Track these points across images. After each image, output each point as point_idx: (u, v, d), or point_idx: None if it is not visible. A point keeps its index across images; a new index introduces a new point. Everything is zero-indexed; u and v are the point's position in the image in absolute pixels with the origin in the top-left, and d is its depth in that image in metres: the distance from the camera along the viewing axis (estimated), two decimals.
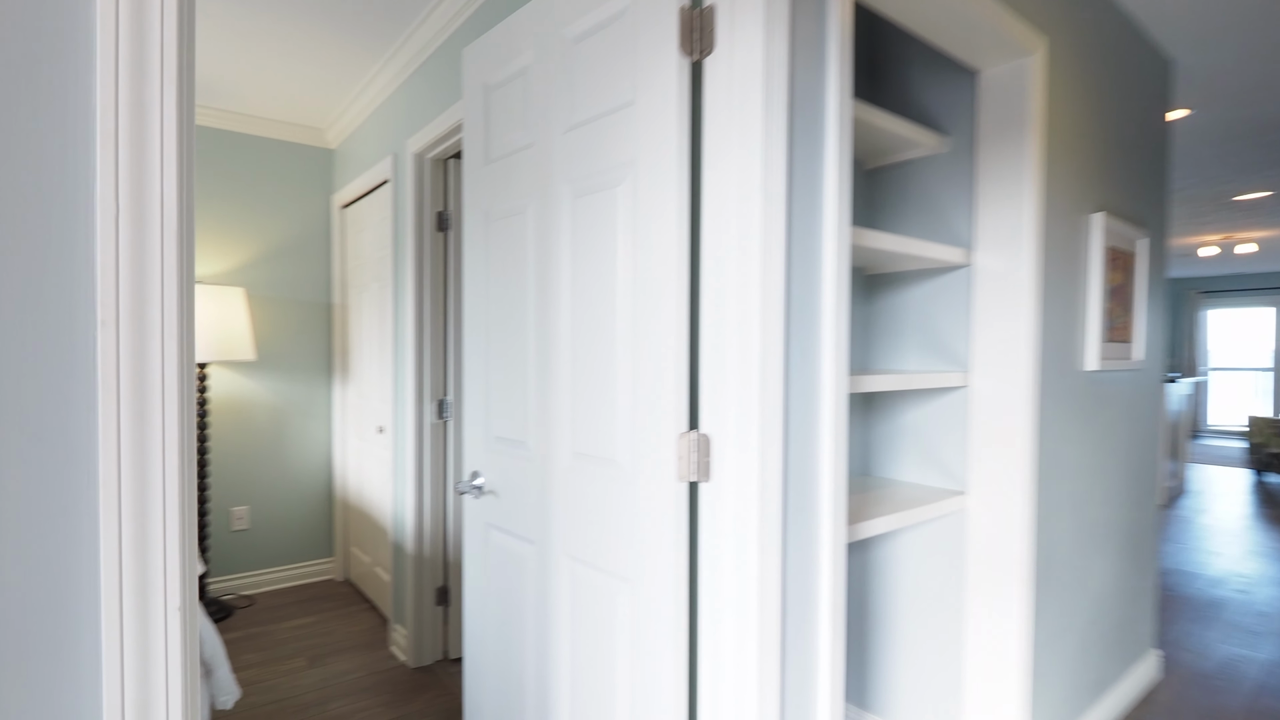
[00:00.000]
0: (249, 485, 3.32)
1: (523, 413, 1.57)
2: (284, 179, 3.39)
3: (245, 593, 3.32)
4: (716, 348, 1.17)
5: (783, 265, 1.14)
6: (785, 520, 1.19)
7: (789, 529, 1.20)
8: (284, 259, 3.40)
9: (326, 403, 3.54)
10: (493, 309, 1.67)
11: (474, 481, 1.71)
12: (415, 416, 2.65)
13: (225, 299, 2.93)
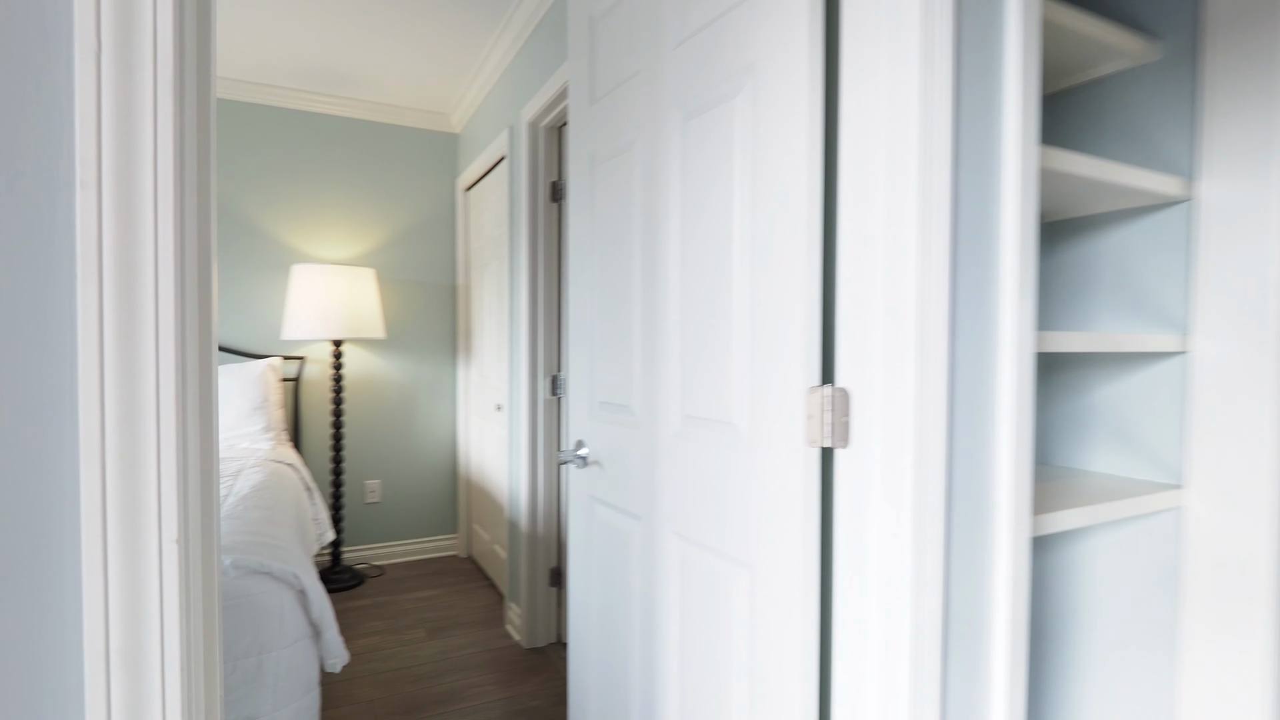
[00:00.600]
0: (381, 460, 3.45)
1: (627, 372, 1.40)
2: (412, 165, 3.49)
3: (377, 563, 3.46)
4: (858, 277, 0.93)
5: (948, 180, 0.88)
6: (949, 500, 0.93)
7: (953, 511, 0.94)
8: (412, 242, 3.50)
9: (451, 382, 3.61)
10: (597, 260, 1.52)
11: (578, 451, 1.57)
12: (529, 393, 2.59)
13: (357, 279, 3.04)
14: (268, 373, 2.94)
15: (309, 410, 3.29)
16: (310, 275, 2.94)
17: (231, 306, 3.11)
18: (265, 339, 3.19)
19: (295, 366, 3.25)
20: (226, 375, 2.84)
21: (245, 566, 1.47)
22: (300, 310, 2.92)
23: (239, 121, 3.12)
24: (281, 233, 3.22)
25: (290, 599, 1.53)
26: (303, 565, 1.62)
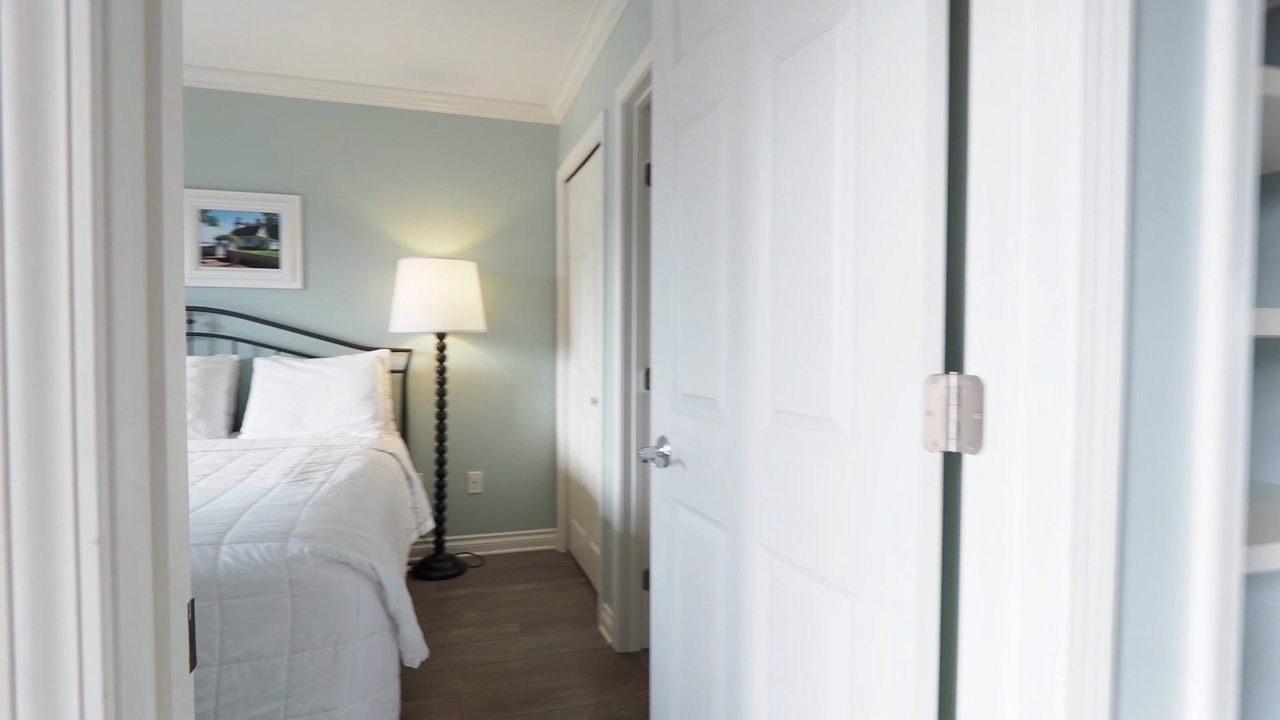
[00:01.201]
0: (482, 451, 3.49)
1: (712, 361, 1.24)
2: (513, 158, 3.50)
3: (478, 553, 3.50)
4: (994, 237, 0.72)
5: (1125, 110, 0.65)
6: (1122, 525, 0.70)
7: (1128, 541, 0.70)
8: (513, 235, 3.51)
9: (551, 375, 3.59)
10: (680, 236, 1.37)
11: (660, 448, 1.43)
12: (621, 386, 2.48)
13: (458, 272, 3.07)
14: (376, 364, 3.04)
15: (416, 401, 3.38)
16: (415, 269, 3.01)
17: (344, 300, 3.25)
18: (376, 332, 3.31)
19: (404, 358, 3.35)
20: (338, 366, 2.96)
21: (323, 555, 1.45)
22: (406, 304, 2.99)
23: (350, 123, 3.24)
24: (391, 228, 3.33)
25: (367, 590, 1.50)
26: (382, 557, 1.59)
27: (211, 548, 1.41)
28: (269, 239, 3.12)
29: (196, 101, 3.04)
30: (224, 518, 1.57)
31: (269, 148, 3.14)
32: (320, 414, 2.86)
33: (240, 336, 3.10)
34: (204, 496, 1.81)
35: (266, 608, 1.39)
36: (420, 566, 3.19)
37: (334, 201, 3.23)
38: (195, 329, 3.05)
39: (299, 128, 3.17)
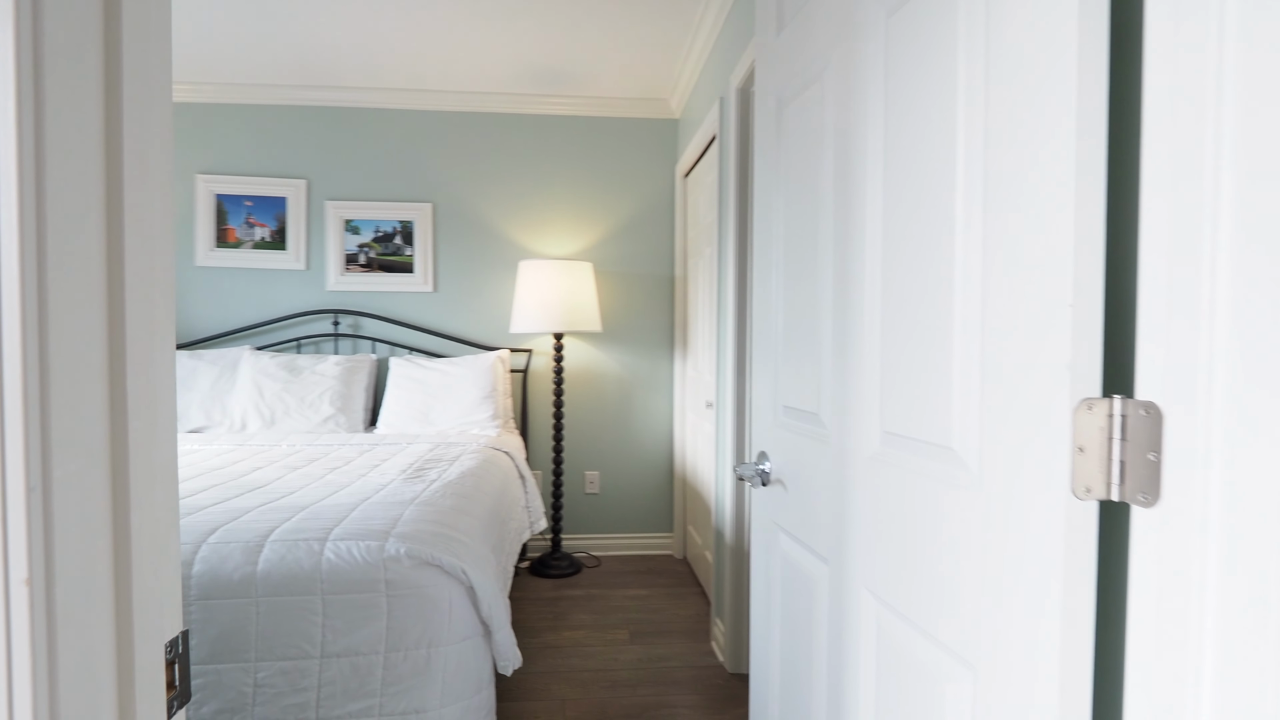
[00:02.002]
0: (599, 452, 3.49)
1: (814, 370, 1.08)
2: (632, 156, 3.45)
3: (595, 553, 3.50)
4: (1180, 221, 0.52)
5: None
6: None
7: None
8: (631, 234, 3.46)
9: (668, 376, 3.51)
10: (781, 228, 1.22)
11: (759, 465, 1.29)
12: (734, 391, 2.34)
13: (575, 273, 3.08)
14: (497, 364, 3.12)
15: (535, 401, 3.44)
16: (534, 271, 3.05)
17: (470, 301, 3.38)
18: (498, 332, 3.41)
19: (524, 358, 3.42)
20: (463, 366, 3.07)
21: (418, 557, 1.46)
22: (525, 305, 3.04)
23: (475, 130, 3.36)
24: (512, 231, 3.41)
25: (459, 594, 1.49)
26: (477, 561, 1.58)
27: (318, 544, 1.46)
28: (404, 245, 3.31)
29: (338, 120, 3.29)
30: (336, 513, 1.64)
31: (403, 159, 3.33)
32: (445, 412, 2.98)
33: (378, 337, 3.32)
34: (326, 490, 1.92)
35: (364, 606, 1.42)
36: (537, 563, 3.24)
37: (461, 207, 3.37)
38: (340, 330, 3.31)
39: (429, 138, 3.34)
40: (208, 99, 3.20)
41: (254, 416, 2.86)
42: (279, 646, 1.39)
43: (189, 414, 2.89)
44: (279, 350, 3.23)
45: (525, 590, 3.03)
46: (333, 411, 2.92)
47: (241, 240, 3.24)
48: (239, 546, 1.44)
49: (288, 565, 1.41)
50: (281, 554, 1.43)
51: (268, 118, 3.26)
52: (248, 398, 2.89)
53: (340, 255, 3.26)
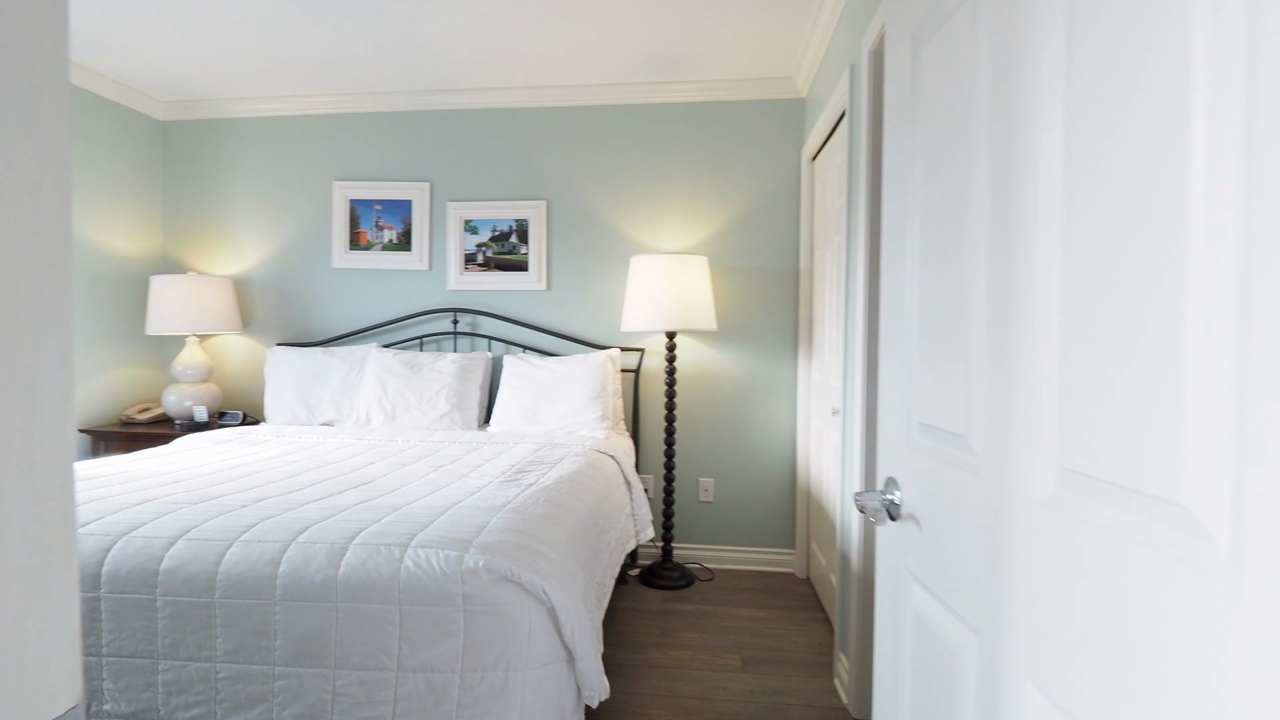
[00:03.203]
0: (714, 458, 3.28)
1: (961, 380, 0.82)
2: (752, 141, 3.21)
3: (708, 565, 3.30)
4: None
5: None
6: None
7: None
8: (751, 225, 3.22)
9: (791, 379, 3.23)
10: (918, 195, 0.96)
11: (886, 495, 1.03)
12: (864, 398, 2.04)
13: (688, 268, 2.90)
14: (607, 363, 3.01)
15: (647, 402, 3.30)
16: (645, 266, 2.91)
17: (582, 299, 3.30)
18: (609, 330, 3.31)
19: (635, 358, 3.29)
20: (572, 365, 3.00)
21: (496, 571, 1.35)
22: (636, 302, 2.91)
23: (589, 124, 3.27)
24: (625, 226, 3.29)
25: (539, 616, 1.36)
26: (562, 579, 1.45)
27: (399, 550, 1.40)
28: (519, 243, 3.30)
29: (457, 122, 3.34)
30: (424, 517, 1.58)
31: (518, 157, 3.32)
32: (554, 411, 2.92)
33: (495, 335, 3.34)
34: (424, 490, 1.88)
35: (441, 620, 1.33)
36: (647, 573, 3.09)
37: (574, 203, 3.30)
38: (459, 328, 3.36)
39: (543, 135, 3.30)
40: (344, 109, 3.38)
41: (377, 411, 2.96)
42: (356, 655, 1.34)
43: (321, 408, 3.06)
44: (403, 348, 3.34)
45: (633, 600, 2.90)
46: (448, 408, 2.96)
47: (372, 243, 3.38)
48: (324, 548, 1.41)
49: (367, 571, 1.36)
50: (363, 559, 1.38)
51: (395, 124, 3.38)
52: (372, 393, 2.99)
53: (460, 255, 3.32)
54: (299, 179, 3.44)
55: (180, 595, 1.38)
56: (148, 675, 1.38)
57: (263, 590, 1.36)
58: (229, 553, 1.41)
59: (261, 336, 3.50)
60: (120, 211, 3.31)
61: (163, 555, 1.41)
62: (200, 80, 3.16)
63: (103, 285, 3.22)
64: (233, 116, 3.47)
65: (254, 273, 3.49)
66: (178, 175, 3.53)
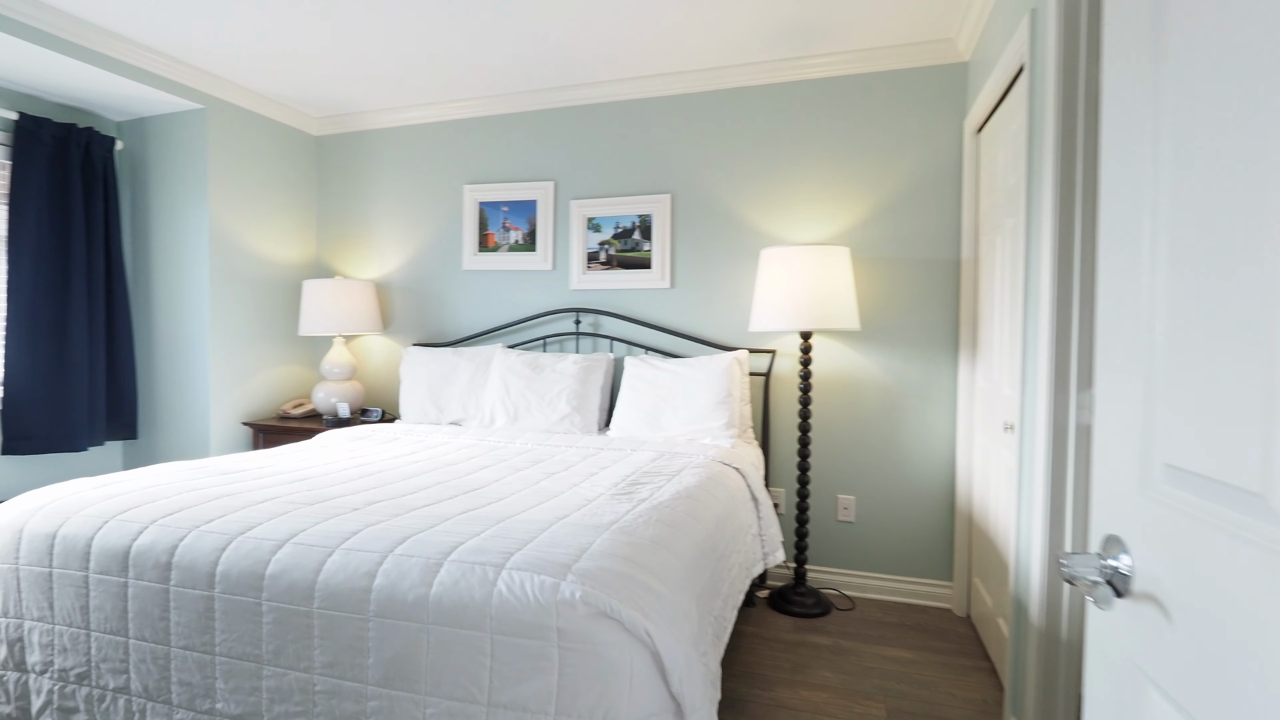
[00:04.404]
0: (856, 473, 2.93)
1: (1258, 410, 0.52)
2: (902, 115, 2.83)
3: (847, 592, 2.96)
4: None
5: None
6: None
7: None
8: (900, 211, 2.84)
9: (949, 386, 2.81)
10: (1169, 148, 0.66)
11: (1107, 559, 0.73)
12: (1049, 412, 1.66)
13: (826, 260, 2.59)
14: (734, 366, 2.77)
15: (778, 408, 3.02)
16: (777, 260, 2.64)
17: (707, 297, 3.09)
18: (737, 331, 3.06)
19: (765, 360, 3.02)
20: (695, 367, 2.80)
21: (594, 605, 1.18)
22: (766, 299, 2.65)
23: (715, 110, 3.05)
24: (754, 217, 3.03)
25: (643, 660, 1.18)
26: (670, 617, 1.25)
27: (493, 570, 1.27)
28: (642, 240, 3.16)
29: (580, 118, 3.25)
30: (525, 533, 1.45)
31: (642, 149, 3.17)
32: (676, 416, 2.73)
33: (617, 336, 3.22)
34: (533, 499, 1.77)
35: (534, 654, 1.19)
36: (777, 596, 2.82)
37: (700, 195, 3.10)
38: (581, 329, 3.28)
39: (666, 125, 3.13)
40: (473, 114, 3.42)
41: (500, 412, 2.95)
42: (446, 684, 1.23)
43: (450, 407, 3.10)
44: (527, 348, 3.32)
45: (761, 626, 2.64)
46: (569, 410, 2.87)
47: (499, 244, 3.40)
48: (419, 563, 1.32)
49: (459, 593, 1.25)
50: (456, 578, 1.27)
51: (521, 125, 3.37)
52: (496, 394, 2.98)
53: (582, 254, 3.23)
54: (433, 184, 3.54)
55: (282, 602, 1.35)
56: (253, 679, 1.37)
57: (357, 604, 1.30)
58: (329, 561, 1.36)
59: (400, 337, 3.64)
60: (282, 222, 3.58)
61: (269, 559, 1.39)
62: (347, 94, 3.33)
63: (265, 290, 3.50)
64: (374, 128, 3.64)
65: (393, 276, 3.64)
66: (329, 186, 3.77)
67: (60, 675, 1.55)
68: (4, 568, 1.63)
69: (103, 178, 3.14)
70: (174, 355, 3.30)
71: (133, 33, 2.70)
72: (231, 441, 3.33)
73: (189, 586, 1.43)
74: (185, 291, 3.26)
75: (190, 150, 3.21)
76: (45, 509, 1.66)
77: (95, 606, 1.52)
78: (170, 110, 3.22)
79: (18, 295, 2.87)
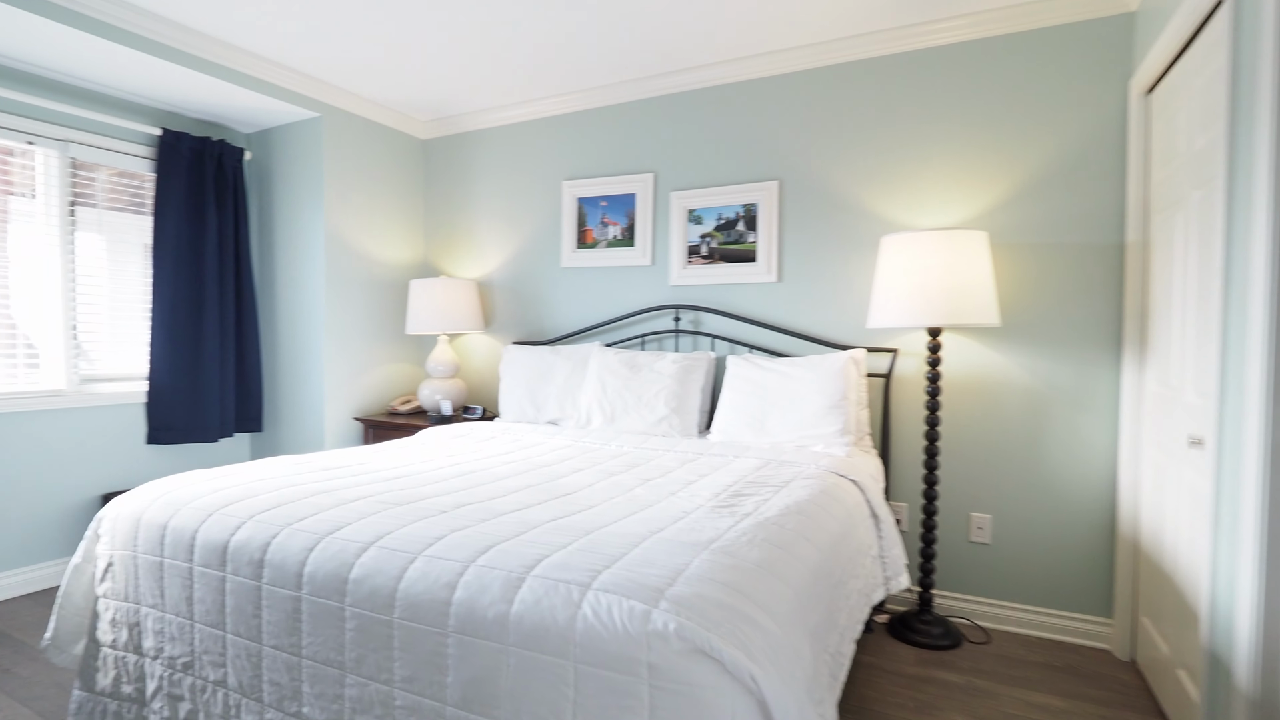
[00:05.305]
0: (992, 489, 2.58)
1: None
2: (1050, 80, 2.45)
3: (980, 623, 2.61)
4: None
5: None
6: None
7: None
8: (1047, 189, 2.47)
9: (1110, 391, 2.41)
10: None
11: None
12: (1265, 425, 1.32)
13: (958, 247, 2.28)
14: (849, 366, 2.51)
15: (900, 414, 2.72)
16: (900, 247, 2.36)
17: (818, 292, 2.83)
18: (852, 328, 2.79)
19: (885, 360, 2.73)
20: (805, 367, 2.56)
21: (690, 640, 1.02)
22: (887, 292, 2.38)
23: (828, 87, 2.79)
24: (872, 201, 2.75)
25: (747, 708, 1.00)
26: (779, 659, 1.07)
27: (579, 591, 1.14)
28: (746, 231, 2.95)
29: (680, 106, 3.09)
30: (616, 547, 1.31)
31: (746, 135, 2.97)
32: (783, 421, 2.51)
33: (718, 334, 3.03)
34: (626, 508, 1.63)
35: (621, 690, 1.04)
36: (898, 623, 2.53)
37: (810, 180, 2.85)
38: (681, 326, 3.12)
39: (772, 107, 2.91)
40: (571, 108, 3.36)
41: (597, 412, 2.85)
42: (526, 713, 1.11)
43: (547, 406, 3.04)
44: (624, 347, 3.20)
45: (879, 655, 2.37)
46: (667, 412, 2.72)
47: (597, 240, 3.31)
48: (501, 576, 1.21)
49: (541, 613, 1.12)
50: (538, 596, 1.15)
51: (619, 117, 3.26)
52: (593, 394, 2.89)
53: (683, 248, 3.08)
54: (532, 182, 3.51)
55: (364, 609, 1.29)
56: (336, 687, 1.32)
57: (436, 616, 1.21)
58: (411, 567, 1.28)
59: (500, 335, 3.64)
60: (391, 224, 3.68)
61: (353, 562, 1.34)
62: (452, 96, 3.37)
63: (376, 290, 3.61)
64: (477, 129, 3.66)
65: (494, 274, 3.65)
66: (435, 187, 3.84)
67: (169, 662, 1.59)
68: (125, 554, 1.70)
69: (233, 187, 3.34)
70: (294, 353, 3.47)
71: (261, 48, 2.84)
72: (344, 436, 3.46)
73: (279, 585, 1.40)
74: (303, 293, 3.42)
75: (308, 157, 3.36)
76: (160, 500, 1.71)
77: (198, 598, 1.54)
78: (291, 120, 3.38)
79: (160, 299, 3.11)
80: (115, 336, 3.13)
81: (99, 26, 2.47)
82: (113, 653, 1.71)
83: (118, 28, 2.52)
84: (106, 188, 3.09)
